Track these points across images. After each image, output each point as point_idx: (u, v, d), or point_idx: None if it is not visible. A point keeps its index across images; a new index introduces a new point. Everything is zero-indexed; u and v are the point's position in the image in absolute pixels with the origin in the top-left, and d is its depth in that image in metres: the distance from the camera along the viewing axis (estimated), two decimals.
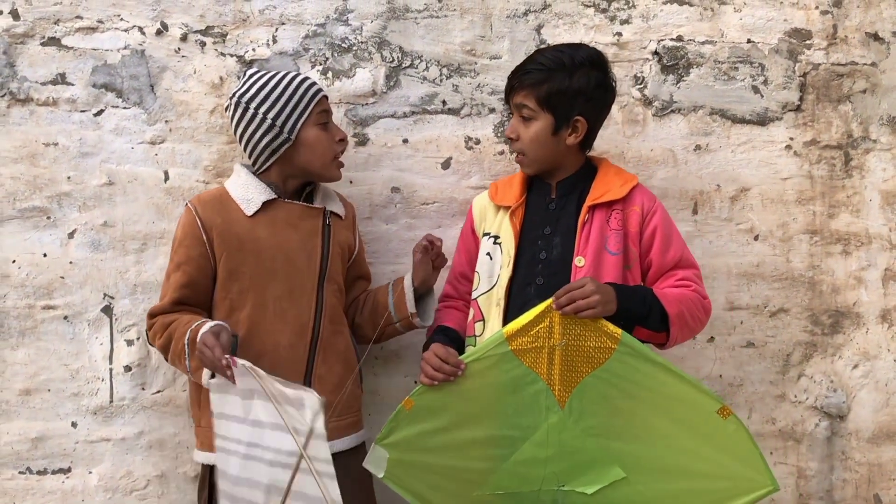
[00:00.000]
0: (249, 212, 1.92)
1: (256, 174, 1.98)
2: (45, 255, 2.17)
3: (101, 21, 2.19)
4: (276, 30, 2.23)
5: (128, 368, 2.19)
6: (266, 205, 1.93)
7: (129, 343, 2.19)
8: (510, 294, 1.91)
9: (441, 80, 2.27)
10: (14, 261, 2.17)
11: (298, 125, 1.91)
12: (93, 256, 2.18)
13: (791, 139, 2.33)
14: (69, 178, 2.18)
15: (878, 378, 2.36)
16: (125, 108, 2.19)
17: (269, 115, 1.89)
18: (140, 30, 2.20)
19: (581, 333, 1.73)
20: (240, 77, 2.17)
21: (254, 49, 2.22)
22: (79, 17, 2.18)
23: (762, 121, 2.32)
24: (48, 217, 2.17)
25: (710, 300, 1.93)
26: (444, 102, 2.28)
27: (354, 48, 2.25)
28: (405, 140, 2.27)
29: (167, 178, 2.20)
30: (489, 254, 1.98)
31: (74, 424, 2.18)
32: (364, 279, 2.14)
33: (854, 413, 2.35)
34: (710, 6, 2.32)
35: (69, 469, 2.18)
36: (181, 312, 1.87)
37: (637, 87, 2.30)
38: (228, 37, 2.22)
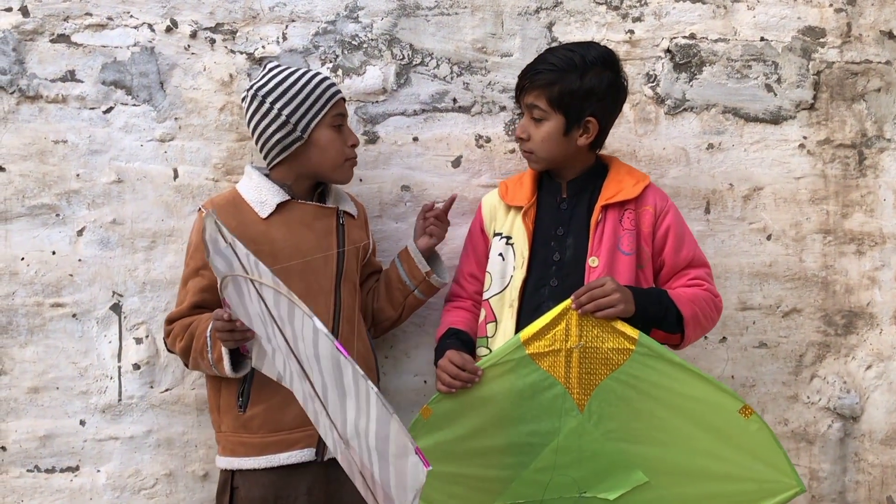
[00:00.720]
0: (264, 214, 1.91)
1: (268, 174, 1.98)
2: (54, 253, 2.17)
3: (111, 18, 2.19)
4: (286, 27, 2.23)
5: (136, 366, 2.19)
6: (280, 206, 1.92)
7: (138, 341, 2.19)
8: (524, 295, 1.91)
9: (451, 78, 2.27)
10: (23, 258, 2.17)
11: (312, 125, 1.91)
12: (102, 254, 2.18)
13: (804, 138, 2.32)
14: (78, 176, 2.18)
15: (892, 379, 2.35)
16: (135, 106, 2.19)
17: (284, 112, 1.89)
18: (150, 27, 2.20)
19: (598, 335, 1.72)
20: (250, 74, 2.20)
21: (263, 46, 2.22)
22: (88, 14, 2.18)
23: (775, 119, 2.32)
24: (57, 214, 2.17)
25: (722, 298, 1.93)
26: (455, 100, 2.27)
27: (364, 45, 2.25)
28: (415, 138, 2.27)
29: (176, 176, 2.20)
30: (501, 254, 1.97)
31: (83, 423, 2.18)
32: (377, 273, 2.15)
33: (867, 414, 2.34)
34: (724, 4, 2.31)
35: (77, 467, 2.18)
36: (200, 316, 1.87)
37: (649, 86, 2.30)
38: (238, 34, 2.22)
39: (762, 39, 2.32)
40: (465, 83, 2.27)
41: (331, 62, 2.24)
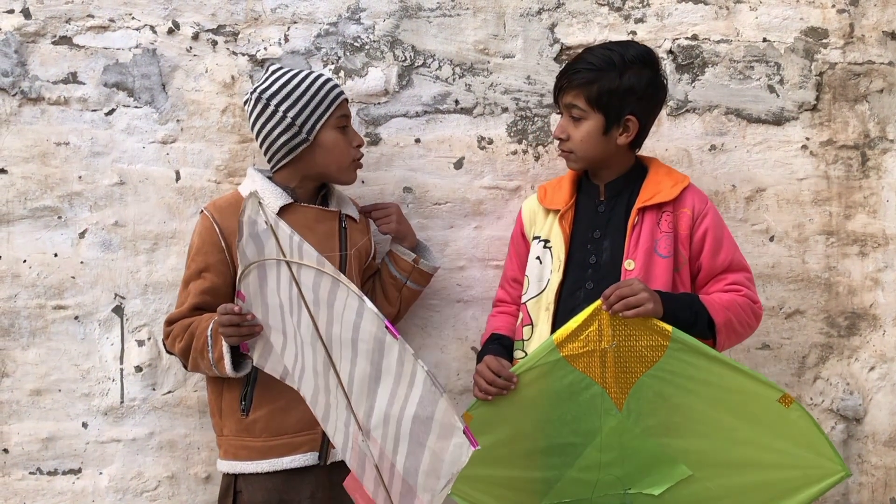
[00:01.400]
0: None
1: (271, 176, 1.98)
2: (56, 255, 2.18)
3: (113, 20, 2.19)
4: (288, 29, 2.23)
5: (138, 369, 2.19)
6: (282, 209, 1.92)
7: (140, 343, 2.19)
8: (560, 298, 1.90)
9: (454, 80, 2.27)
10: (25, 260, 2.17)
11: (318, 126, 1.91)
12: (104, 256, 2.19)
13: (807, 139, 2.32)
14: (80, 178, 2.18)
15: (895, 381, 2.35)
16: (136, 108, 2.19)
17: (290, 114, 1.89)
18: (152, 29, 2.20)
19: (631, 333, 1.72)
20: (252, 76, 2.21)
21: (265, 48, 2.23)
22: (90, 16, 2.18)
23: (778, 120, 2.32)
24: (59, 217, 2.18)
25: (762, 304, 1.91)
26: (457, 102, 2.28)
27: (367, 47, 2.25)
28: (417, 140, 2.27)
29: (178, 178, 2.21)
30: (539, 258, 1.98)
31: (85, 425, 2.19)
32: (377, 275, 2.17)
33: (871, 416, 2.34)
34: (726, 5, 2.31)
35: (80, 470, 2.19)
36: (201, 316, 1.87)
37: None
38: (240, 36, 2.22)
39: (765, 40, 2.31)
40: (468, 84, 2.28)
41: (333, 64, 2.24)
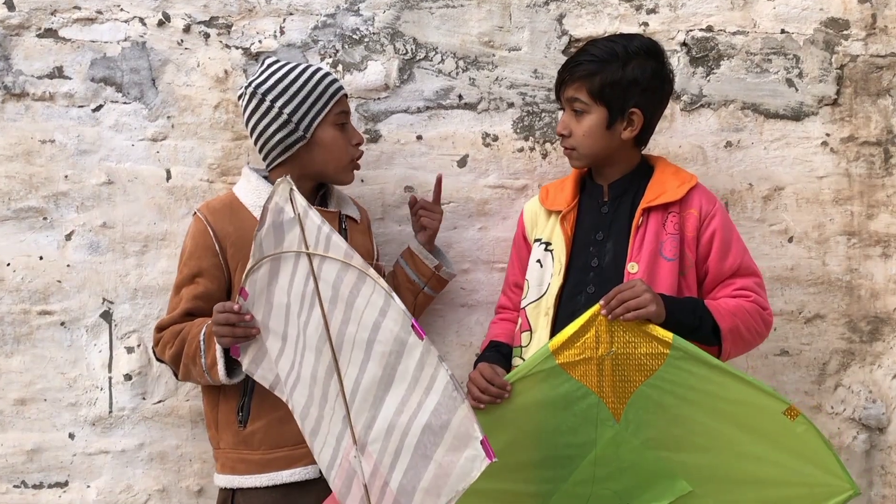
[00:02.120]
0: None
1: (266, 175, 1.97)
2: (42, 258, 2.17)
3: (101, 11, 2.18)
4: (284, 20, 2.22)
5: (128, 377, 2.18)
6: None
7: (130, 350, 2.18)
8: (560, 303, 1.89)
9: (457, 74, 2.26)
10: (9, 264, 2.16)
11: (315, 123, 1.89)
12: (91, 259, 2.17)
13: (827, 135, 2.30)
14: (66, 177, 2.17)
15: None
16: (125, 104, 2.18)
17: (286, 110, 1.87)
18: (141, 21, 2.19)
19: (630, 341, 1.70)
20: (246, 70, 2.20)
21: (260, 41, 2.21)
22: (77, 8, 2.17)
23: (797, 116, 2.30)
24: (44, 218, 2.17)
25: (772, 311, 1.89)
26: (461, 97, 2.26)
27: (366, 40, 2.24)
28: (419, 136, 2.26)
29: (169, 177, 2.19)
30: (539, 261, 1.96)
31: (72, 436, 2.18)
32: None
33: (894, 425, 2.32)
34: None
35: (66, 483, 2.18)
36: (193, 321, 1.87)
37: None
38: (234, 28, 2.21)
39: (783, 32, 2.29)
40: (472, 79, 2.26)
41: (330, 57, 2.23)
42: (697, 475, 1.74)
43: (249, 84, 1.91)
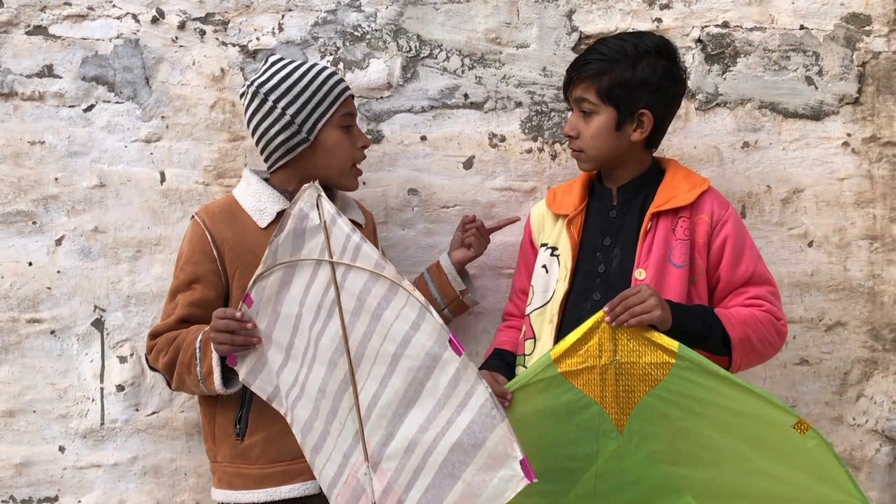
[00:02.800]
0: (263, 223, 1.89)
1: (267, 178, 1.96)
2: (31, 264, 2.15)
3: (92, 8, 2.16)
4: (283, 16, 2.21)
5: (120, 388, 2.16)
6: (280, 215, 1.89)
7: (122, 360, 2.16)
8: (565, 310, 1.88)
9: (463, 72, 2.24)
10: None
11: (319, 125, 1.88)
12: (82, 265, 2.16)
13: (849, 135, 2.28)
14: (57, 180, 2.15)
15: None
16: (118, 103, 2.17)
17: (289, 111, 1.85)
18: (134, 17, 2.17)
19: (635, 349, 1.68)
20: (243, 68, 2.20)
21: (258, 38, 2.20)
22: (67, 4, 2.16)
23: (817, 115, 2.28)
24: (34, 222, 2.15)
25: (787, 321, 1.87)
26: (466, 96, 2.24)
27: (368, 36, 2.22)
28: (423, 137, 2.24)
29: (163, 180, 2.18)
30: (545, 266, 1.95)
31: (62, 449, 2.16)
32: None
33: None
34: None
35: (56, 498, 2.16)
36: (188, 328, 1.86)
37: None
38: (230, 24, 2.20)
39: (802, 28, 2.28)
40: (478, 77, 2.24)
41: (331, 55, 2.22)
42: (703, 491, 1.71)
43: (252, 83, 1.89)
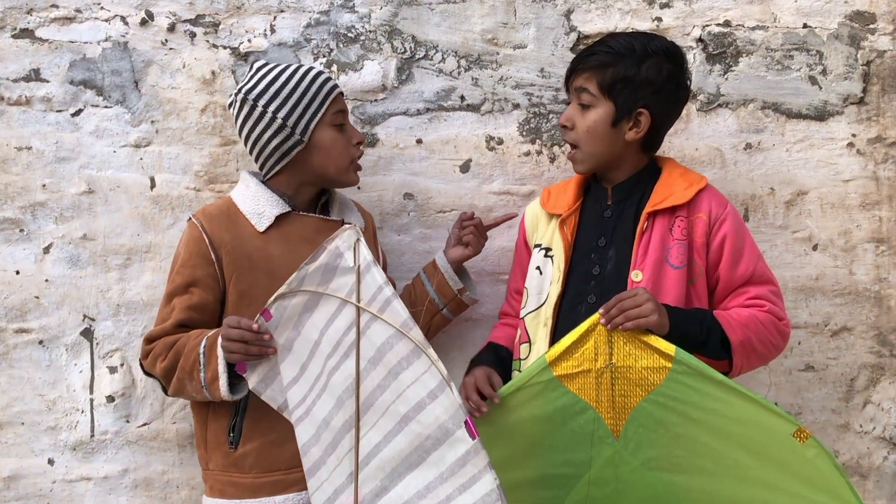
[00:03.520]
0: (261, 227, 1.89)
1: (266, 183, 1.96)
2: (18, 273, 2.15)
3: (80, 10, 2.17)
4: (275, 18, 2.21)
5: (110, 399, 2.16)
6: (278, 219, 1.90)
7: (112, 370, 2.16)
8: (559, 313, 1.87)
9: (459, 73, 2.23)
10: None
11: (312, 126, 1.88)
12: (71, 273, 2.16)
13: (853, 136, 2.27)
14: (44, 186, 2.15)
15: None
16: (106, 108, 2.17)
17: (280, 115, 1.86)
18: (123, 20, 2.17)
19: (631, 353, 1.67)
20: (235, 70, 2.21)
21: (249, 40, 2.20)
22: (54, 6, 2.16)
23: (821, 115, 2.27)
24: (21, 230, 2.15)
25: (789, 321, 1.86)
26: (463, 98, 2.24)
27: (362, 38, 2.22)
28: (419, 140, 2.24)
29: (153, 186, 2.18)
30: (539, 268, 1.95)
31: (51, 461, 2.16)
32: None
33: None
34: None
35: None
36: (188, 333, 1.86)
37: None
38: (221, 27, 2.20)
39: (805, 26, 2.27)
40: (474, 78, 2.24)
41: (324, 57, 2.21)
42: (700, 499, 1.70)
43: (239, 90, 1.90)
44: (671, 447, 1.69)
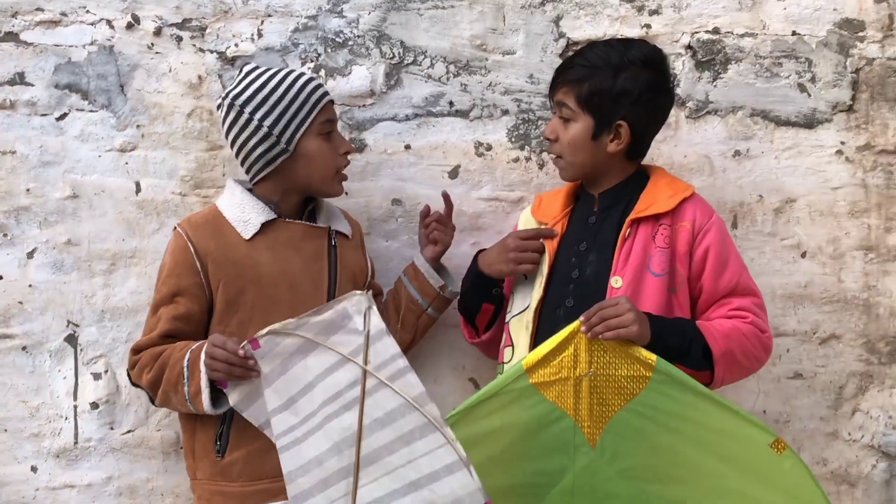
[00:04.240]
0: (247, 235, 1.89)
1: (252, 189, 1.96)
2: (1, 278, 2.14)
3: (65, 13, 2.16)
4: (262, 22, 2.20)
5: (94, 405, 2.15)
6: (265, 226, 1.90)
7: (96, 377, 2.15)
8: (540, 317, 1.88)
9: (448, 79, 2.24)
10: None
11: (298, 135, 1.88)
12: (55, 279, 2.15)
13: (842, 143, 2.28)
14: (28, 191, 2.15)
15: None
16: (91, 112, 2.17)
17: (266, 123, 1.85)
18: (108, 23, 2.17)
19: (611, 361, 1.68)
20: (221, 75, 2.21)
21: (236, 44, 2.20)
22: (39, 10, 2.15)
23: (810, 123, 2.28)
24: (4, 234, 2.14)
25: (772, 334, 1.86)
26: (452, 103, 2.24)
27: (350, 43, 2.22)
28: (407, 146, 2.24)
29: (139, 190, 2.17)
30: (524, 274, 1.96)
31: (34, 469, 2.15)
32: (380, 296, 2.15)
33: None
34: None
35: None
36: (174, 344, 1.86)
37: None
38: (208, 31, 2.19)
39: (794, 34, 2.27)
40: (463, 84, 2.24)
41: (312, 62, 2.22)
42: None
43: (227, 95, 1.90)
44: (649, 456, 1.70)
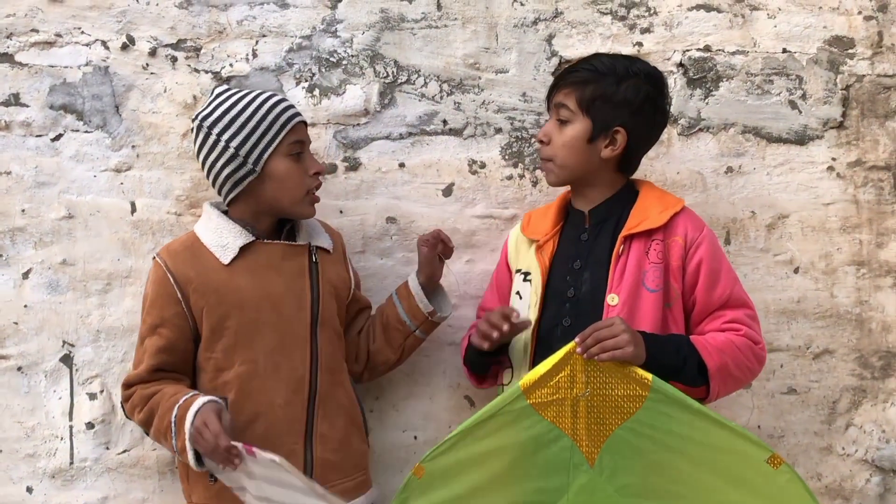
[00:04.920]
0: (226, 260, 1.87)
1: (227, 212, 1.95)
2: None
3: (60, 35, 2.16)
4: (257, 43, 2.20)
5: (90, 425, 2.13)
6: (243, 249, 1.88)
7: (92, 397, 2.13)
8: (538, 337, 1.88)
9: (441, 98, 2.24)
10: None
11: (265, 156, 1.86)
12: (50, 299, 2.14)
13: (833, 160, 2.29)
14: (23, 211, 2.14)
15: None
16: (87, 132, 2.16)
17: (232, 144, 1.84)
18: (103, 44, 2.17)
19: (607, 381, 1.68)
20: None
21: (231, 64, 2.20)
22: (34, 31, 2.15)
23: (801, 139, 2.29)
24: (0, 255, 2.13)
25: (765, 345, 1.87)
26: (445, 122, 2.24)
27: (344, 62, 2.22)
28: (402, 164, 2.24)
29: (134, 210, 2.17)
30: (519, 292, 1.96)
31: (30, 490, 2.13)
32: (367, 309, 2.13)
33: None
34: (741, 12, 2.29)
35: None
36: (162, 382, 1.84)
37: None
38: (203, 51, 2.19)
39: (784, 51, 2.29)
40: (457, 103, 2.25)
41: (306, 81, 2.21)
42: None
43: (196, 116, 1.89)
44: (647, 474, 1.70)
